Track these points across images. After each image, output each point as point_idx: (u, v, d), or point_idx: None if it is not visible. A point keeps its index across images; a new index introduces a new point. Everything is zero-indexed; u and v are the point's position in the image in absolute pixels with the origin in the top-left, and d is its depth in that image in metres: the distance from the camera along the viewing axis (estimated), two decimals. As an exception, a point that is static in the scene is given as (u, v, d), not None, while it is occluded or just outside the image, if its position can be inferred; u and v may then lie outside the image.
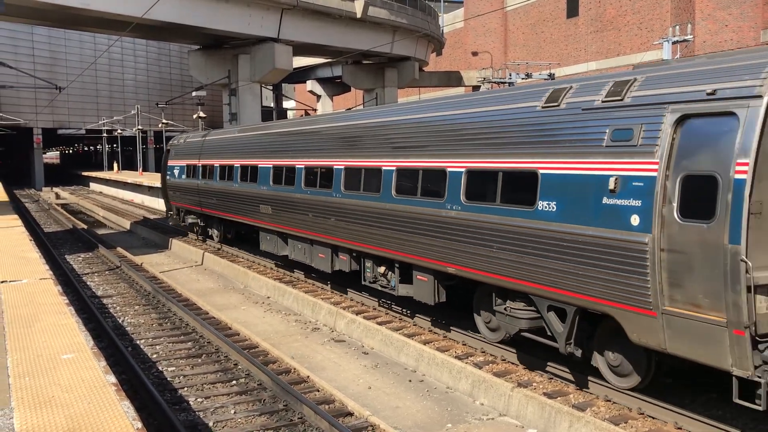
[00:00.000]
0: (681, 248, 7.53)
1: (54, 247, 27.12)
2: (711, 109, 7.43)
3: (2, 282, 10.74)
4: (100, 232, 32.97)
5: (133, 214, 40.15)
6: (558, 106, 9.42)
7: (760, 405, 7.04)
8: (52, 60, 79.17)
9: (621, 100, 8.50)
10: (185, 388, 10.82)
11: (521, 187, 9.72)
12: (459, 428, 9.27)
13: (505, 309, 10.51)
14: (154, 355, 12.66)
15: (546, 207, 9.21)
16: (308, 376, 11.00)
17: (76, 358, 6.76)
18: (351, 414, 9.49)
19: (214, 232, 25.40)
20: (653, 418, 8.97)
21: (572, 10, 56.98)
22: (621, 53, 51.66)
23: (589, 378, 10.23)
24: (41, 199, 58.03)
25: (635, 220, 7.99)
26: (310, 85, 73.63)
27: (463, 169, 10.88)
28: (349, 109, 21.61)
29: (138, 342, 13.57)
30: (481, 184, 10.54)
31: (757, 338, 6.98)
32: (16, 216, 21.45)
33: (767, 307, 7.16)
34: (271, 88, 59.43)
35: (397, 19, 49.99)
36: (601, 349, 9.46)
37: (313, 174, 16.00)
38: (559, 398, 9.68)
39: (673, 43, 32.15)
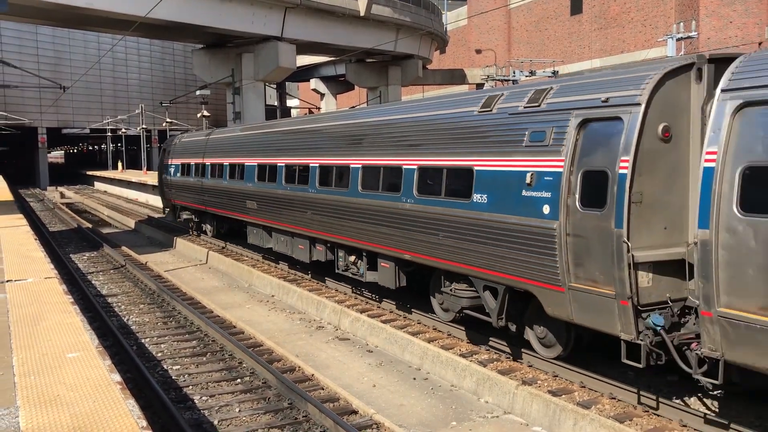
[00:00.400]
0: (582, 233, 8.87)
1: (59, 246, 27.20)
2: (604, 114, 8.79)
3: (7, 281, 10.77)
4: (105, 231, 33.04)
5: (137, 213, 40.22)
6: (491, 111, 10.80)
7: (641, 364, 8.39)
8: (57, 59, 79.27)
9: (538, 106, 9.87)
10: (190, 387, 10.84)
11: (460, 182, 11.13)
12: (464, 426, 9.26)
13: (450, 290, 11.95)
14: (159, 354, 12.68)
15: (479, 199, 10.62)
16: (313, 375, 11.01)
17: (81, 357, 6.77)
18: (355, 412, 9.50)
19: (208, 227, 26.57)
20: (658, 415, 8.95)
21: (576, 7, 56.86)
22: (625, 50, 51.54)
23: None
24: (46, 199, 58.18)
25: (546, 209, 9.36)
26: (314, 83, 73.54)
27: (415, 167, 12.29)
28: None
29: (143, 340, 13.60)
30: (429, 180, 11.96)
31: (639, 308, 8.30)
32: (21, 215, 21.49)
33: (648, 282, 8.37)
34: (274, 86, 59.46)
35: (401, 17, 49.94)
36: (530, 323, 10.84)
37: (292, 171, 17.37)
38: (563, 396, 9.67)
39: (678, 39, 32.08)
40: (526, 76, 42.20)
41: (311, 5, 42.50)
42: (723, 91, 7.62)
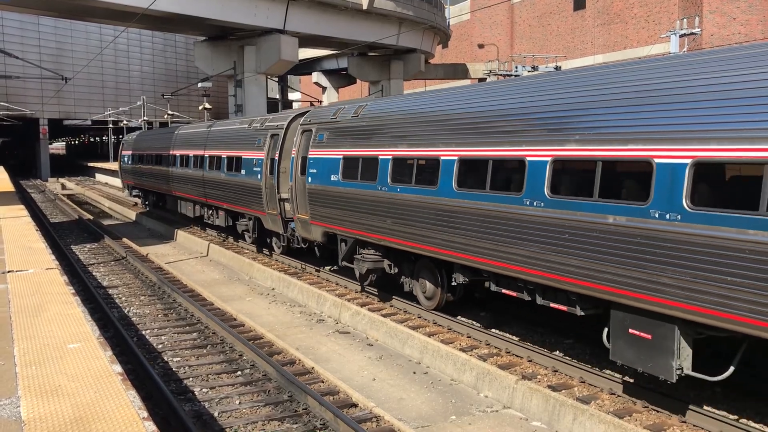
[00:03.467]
0: (268, 187, 19.15)
1: (60, 237, 27.22)
2: (275, 132, 19.12)
3: (9, 272, 10.78)
4: (106, 222, 33.06)
5: (138, 205, 40.21)
6: (250, 128, 21.23)
7: (284, 243, 19.85)
8: (59, 51, 79.14)
9: (262, 126, 20.22)
10: (190, 379, 10.86)
11: (237, 164, 21.53)
12: (463, 420, 9.28)
13: (239, 223, 22.69)
14: (160, 346, 12.70)
15: (242, 172, 21.01)
16: (313, 368, 11.03)
17: (82, 348, 6.78)
18: (355, 405, 9.51)
19: (149, 200, 35.89)
20: (657, 411, 8.97)
21: (579, 2, 56.69)
22: (628, 46, 51.42)
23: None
24: (47, 190, 58.18)
25: (259, 176, 19.67)
26: (316, 76, 73.30)
27: (225, 156, 22.86)
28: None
29: (143, 332, 13.62)
30: (229, 164, 22.37)
31: (285, 219, 18.52)
32: (22, 206, 21.49)
33: (289, 208, 17.95)
34: (276, 79, 59.37)
35: (403, 11, 49.80)
36: (272, 238, 21.10)
37: (182, 159, 27.68)
38: (563, 391, 9.68)
39: (681, 36, 31.97)
40: (529, 71, 42.11)
41: (314, -2, 42.40)
42: (300, 124, 17.32)
